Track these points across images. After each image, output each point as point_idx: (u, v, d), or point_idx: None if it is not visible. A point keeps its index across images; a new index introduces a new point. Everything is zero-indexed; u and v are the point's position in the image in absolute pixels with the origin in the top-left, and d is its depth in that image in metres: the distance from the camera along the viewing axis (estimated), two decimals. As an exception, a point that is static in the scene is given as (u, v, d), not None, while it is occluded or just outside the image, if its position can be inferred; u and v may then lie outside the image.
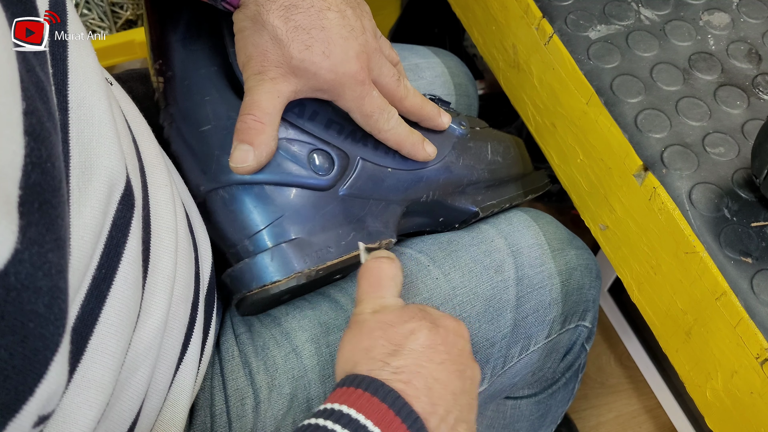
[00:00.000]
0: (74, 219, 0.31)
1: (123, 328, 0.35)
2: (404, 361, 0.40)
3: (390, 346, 0.41)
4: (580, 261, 0.62)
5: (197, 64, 0.50)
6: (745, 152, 0.51)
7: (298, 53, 0.44)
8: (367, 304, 0.44)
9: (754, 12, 0.59)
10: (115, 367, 0.35)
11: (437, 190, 0.56)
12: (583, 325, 0.64)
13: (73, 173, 0.32)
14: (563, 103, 0.57)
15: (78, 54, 0.34)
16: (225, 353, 0.51)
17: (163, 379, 0.43)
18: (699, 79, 0.55)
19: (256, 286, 0.47)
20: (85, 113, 0.33)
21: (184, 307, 0.44)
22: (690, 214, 0.48)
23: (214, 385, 0.50)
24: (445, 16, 1.12)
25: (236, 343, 0.52)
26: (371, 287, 0.45)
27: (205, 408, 0.49)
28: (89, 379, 0.33)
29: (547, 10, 0.57)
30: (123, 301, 0.35)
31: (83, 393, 0.32)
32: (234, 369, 0.51)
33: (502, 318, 0.56)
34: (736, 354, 0.46)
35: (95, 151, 0.33)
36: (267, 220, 0.48)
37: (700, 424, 0.96)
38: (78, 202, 0.32)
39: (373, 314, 0.43)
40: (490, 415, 0.66)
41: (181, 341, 0.44)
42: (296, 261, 0.47)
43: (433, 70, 0.73)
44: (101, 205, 0.33)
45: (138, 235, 0.37)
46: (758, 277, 0.45)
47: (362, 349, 0.41)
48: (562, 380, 0.69)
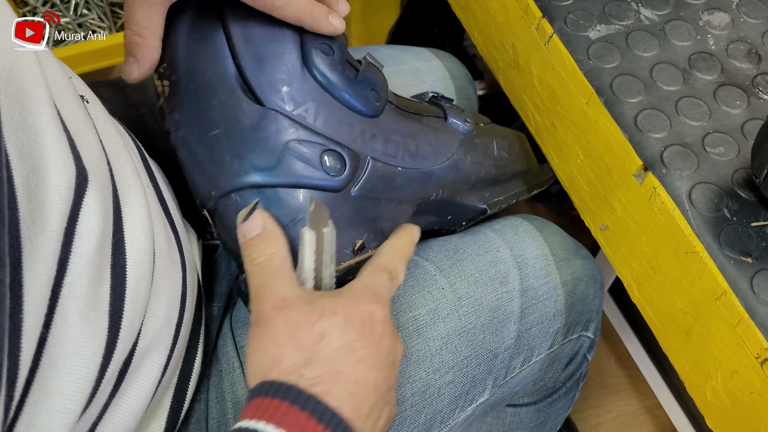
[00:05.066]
0: (27, 277, 0.29)
1: (75, 368, 0.33)
2: (319, 370, 0.36)
3: (300, 354, 0.37)
4: (585, 271, 0.61)
5: (203, 66, 0.49)
6: (745, 152, 0.51)
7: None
8: (264, 300, 0.39)
9: (754, 12, 0.59)
10: (69, 410, 0.33)
11: (447, 188, 0.55)
12: (585, 336, 0.63)
13: (24, 228, 0.29)
14: (563, 103, 0.57)
15: (15, 81, 0.31)
16: (225, 365, 0.51)
17: (133, 404, 0.40)
18: (699, 79, 0.55)
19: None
20: (27, 161, 0.30)
21: (167, 330, 0.43)
22: (690, 214, 0.48)
23: (211, 398, 0.49)
24: (445, 16, 1.12)
25: (238, 355, 0.51)
26: (263, 279, 0.40)
27: (201, 420, 0.49)
28: (36, 425, 0.31)
29: (547, 10, 0.57)
30: (71, 339, 0.33)
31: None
32: (234, 382, 0.50)
33: (506, 329, 0.56)
34: (736, 354, 0.46)
35: (43, 196, 0.31)
36: (282, 223, 0.46)
37: (700, 424, 0.96)
38: (31, 256, 0.30)
39: (275, 311, 0.38)
40: (489, 421, 0.66)
41: (162, 363, 0.42)
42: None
43: (434, 73, 0.73)
44: (54, 254, 0.31)
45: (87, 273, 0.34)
46: (758, 277, 0.45)
47: (270, 359, 0.37)
48: (563, 389, 0.69)
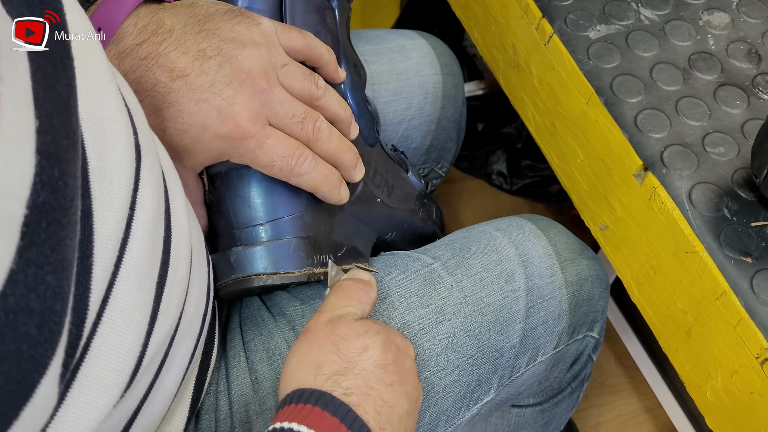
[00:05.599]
0: (98, 226, 0.31)
1: (128, 329, 0.34)
2: (354, 382, 0.39)
3: (341, 362, 0.40)
4: (591, 272, 0.61)
5: None
6: (745, 152, 0.51)
7: (162, 140, 0.42)
8: (324, 314, 0.43)
9: (754, 12, 0.59)
10: (120, 368, 0.34)
11: (399, 233, 0.61)
12: (590, 336, 0.63)
13: (93, 180, 0.31)
14: (563, 103, 0.57)
15: (83, 56, 0.33)
16: (232, 359, 0.51)
17: (170, 386, 0.42)
18: (699, 78, 0.55)
19: (269, 271, 0.47)
20: (95, 122, 0.33)
21: (196, 321, 0.43)
22: (690, 213, 0.48)
23: (219, 390, 0.50)
24: (445, 16, 1.12)
25: (244, 349, 0.51)
26: (339, 299, 0.44)
27: (210, 412, 0.49)
28: (92, 378, 0.32)
29: (547, 10, 0.57)
30: (127, 303, 0.34)
31: (86, 393, 0.32)
32: (239, 375, 0.50)
33: (512, 328, 0.56)
34: (736, 354, 0.46)
35: (111, 157, 0.33)
36: (291, 210, 0.48)
37: (700, 424, 0.96)
38: (101, 207, 0.31)
39: (327, 324, 0.42)
40: (494, 421, 0.66)
41: (191, 351, 0.43)
42: (308, 258, 0.48)
43: (419, 50, 0.74)
44: (123, 210, 0.33)
45: (146, 238, 0.36)
46: (758, 277, 0.45)
47: (311, 364, 0.40)
48: (568, 390, 0.68)
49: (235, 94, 0.42)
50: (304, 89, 0.45)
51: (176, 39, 0.42)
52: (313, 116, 0.45)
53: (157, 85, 0.41)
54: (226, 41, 0.43)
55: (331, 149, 0.46)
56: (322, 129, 0.45)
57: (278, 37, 0.45)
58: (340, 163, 0.47)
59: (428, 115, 0.73)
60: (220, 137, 0.42)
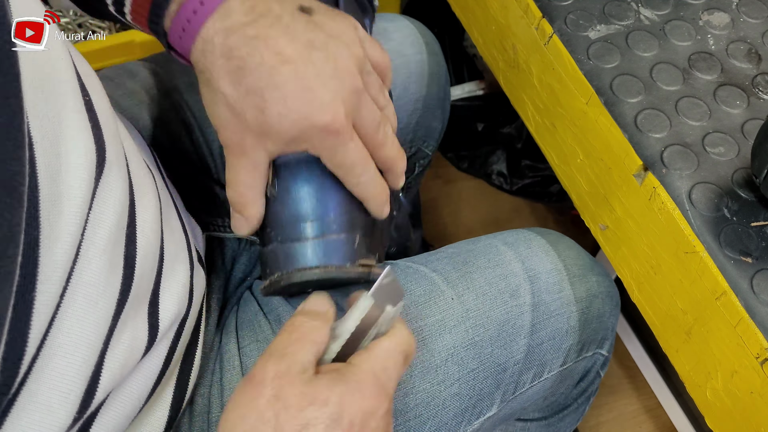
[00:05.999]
0: (44, 258, 0.30)
1: (76, 351, 0.34)
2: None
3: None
4: (601, 288, 0.60)
5: None
6: (745, 152, 0.51)
7: (254, 119, 0.42)
8: (275, 361, 0.38)
9: (753, 12, 0.59)
10: (67, 390, 0.33)
11: (394, 246, 0.63)
12: (600, 353, 0.63)
13: (43, 208, 0.31)
14: (563, 103, 0.57)
15: (37, 72, 0.32)
16: (227, 362, 0.51)
17: (138, 390, 0.41)
18: (699, 78, 0.55)
19: (336, 264, 0.46)
20: (49, 146, 0.32)
21: (175, 326, 0.43)
22: (690, 213, 0.48)
23: (213, 393, 0.50)
24: (445, 16, 1.12)
25: (239, 353, 0.51)
26: (291, 342, 0.39)
27: (203, 414, 0.49)
28: (34, 402, 0.32)
29: (547, 10, 0.57)
30: (74, 323, 0.34)
31: (28, 416, 0.31)
32: (233, 379, 0.50)
33: (516, 344, 0.55)
34: (736, 354, 0.46)
35: (65, 182, 0.32)
36: (352, 210, 0.48)
37: (700, 424, 0.96)
38: (49, 238, 0.31)
39: (274, 379, 0.37)
40: None
41: (163, 357, 0.43)
42: (366, 257, 0.48)
43: (401, 32, 0.74)
44: (74, 237, 0.33)
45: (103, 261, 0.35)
46: (758, 277, 0.45)
47: (248, 428, 0.36)
48: (574, 405, 0.68)
49: (338, 89, 0.42)
50: (377, 98, 0.47)
51: (285, 26, 0.42)
52: (385, 122, 0.46)
53: (264, 65, 0.41)
54: (332, 37, 0.44)
55: (392, 155, 0.47)
56: (389, 135, 0.47)
57: (364, 44, 0.47)
58: (394, 170, 0.48)
59: (413, 94, 0.74)
60: (316, 127, 0.42)
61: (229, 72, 0.41)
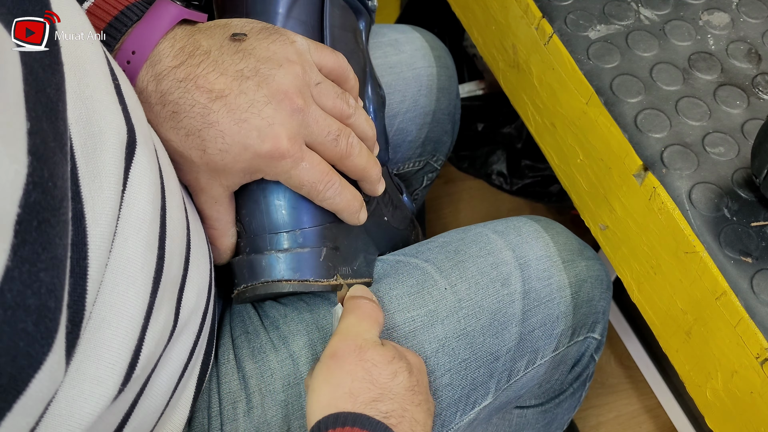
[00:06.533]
0: (91, 229, 0.32)
1: (119, 324, 0.35)
2: (391, 406, 0.41)
3: (375, 389, 0.41)
4: (590, 272, 0.61)
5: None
6: (745, 152, 0.51)
7: (199, 159, 0.43)
8: (351, 340, 0.44)
9: (753, 12, 0.59)
10: (114, 362, 0.34)
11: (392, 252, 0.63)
12: (592, 337, 0.63)
13: (84, 184, 0.32)
14: (563, 103, 0.57)
15: (74, 59, 0.34)
16: (221, 356, 0.51)
17: (167, 381, 0.42)
18: (699, 78, 0.55)
19: (299, 278, 0.48)
20: (84, 126, 0.33)
21: (195, 317, 0.44)
22: (690, 213, 0.48)
23: (211, 387, 0.50)
24: (445, 16, 1.12)
25: (233, 346, 0.52)
26: (359, 321, 0.45)
27: (203, 409, 0.49)
28: (83, 372, 0.33)
29: (547, 10, 0.57)
30: (117, 298, 0.35)
31: (77, 386, 0.32)
32: (228, 372, 0.50)
33: (507, 332, 0.55)
34: (736, 354, 0.46)
35: (101, 160, 0.33)
36: (321, 221, 0.49)
37: (700, 424, 0.96)
38: (93, 211, 0.32)
39: (356, 350, 0.43)
40: (495, 422, 0.65)
41: (190, 347, 0.44)
42: (335, 268, 0.50)
43: (412, 44, 0.74)
44: (113, 211, 0.34)
45: (144, 240, 0.37)
46: (758, 277, 0.45)
47: (345, 394, 0.41)
48: (570, 390, 0.68)
49: (274, 114, 0.43)
50: (336, 107, 0.47)
51: (213, 60, 0.43)
52: (345, 133, 0.47)
53: (196, 106, 0.42)
54: (263, 61, 0.44)
55: (361, 165, 0.48)
56: (354, 145, 0.47)
57: (311, 55, 0.47)
58: (367, 178, 0.50)
59: (423, 108, 0.73)
60: (260, 156, 0.43)
61: (166, 118, 0.42)
